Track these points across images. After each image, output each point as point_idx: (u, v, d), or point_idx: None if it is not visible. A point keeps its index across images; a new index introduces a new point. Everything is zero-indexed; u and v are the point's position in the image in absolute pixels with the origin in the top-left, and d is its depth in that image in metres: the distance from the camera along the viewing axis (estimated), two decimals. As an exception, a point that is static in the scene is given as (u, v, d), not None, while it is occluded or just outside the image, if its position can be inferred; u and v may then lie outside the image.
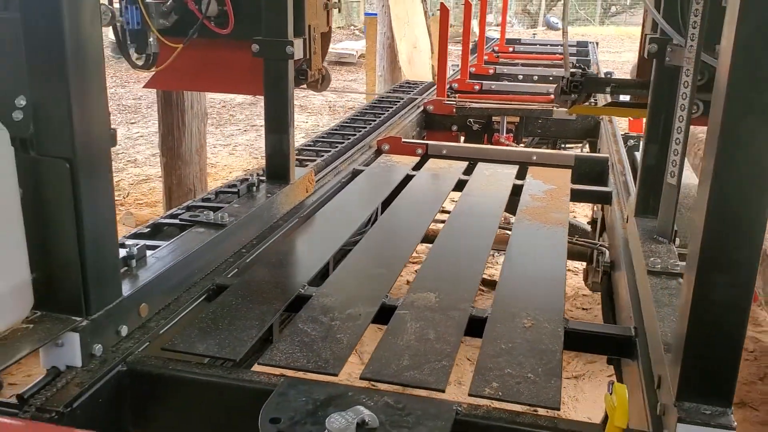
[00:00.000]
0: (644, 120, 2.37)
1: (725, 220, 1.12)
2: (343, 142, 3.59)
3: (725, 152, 1.09)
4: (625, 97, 3.47)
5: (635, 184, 2.91)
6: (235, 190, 2.50)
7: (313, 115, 10.33)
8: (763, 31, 1.01)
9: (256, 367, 1.65)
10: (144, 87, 2.76)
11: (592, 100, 3.94)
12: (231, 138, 8.67)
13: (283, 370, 1.55)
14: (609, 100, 4.95)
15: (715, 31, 2.01)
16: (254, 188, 2.49)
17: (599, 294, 4.50)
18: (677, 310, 1.62)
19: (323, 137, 3.80)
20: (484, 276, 2.35)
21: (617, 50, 20.11)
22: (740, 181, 1.09)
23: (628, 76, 14.23)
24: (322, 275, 2.20)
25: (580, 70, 2.35)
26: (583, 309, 4.57)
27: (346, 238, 2.37)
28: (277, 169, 2.60)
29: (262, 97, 2.53)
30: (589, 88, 2.37)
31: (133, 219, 5.70)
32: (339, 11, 3.16)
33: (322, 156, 3.29)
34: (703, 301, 1.17)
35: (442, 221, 2.61)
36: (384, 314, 1.79)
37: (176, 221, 2.20)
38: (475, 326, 1.73)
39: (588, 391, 3.69)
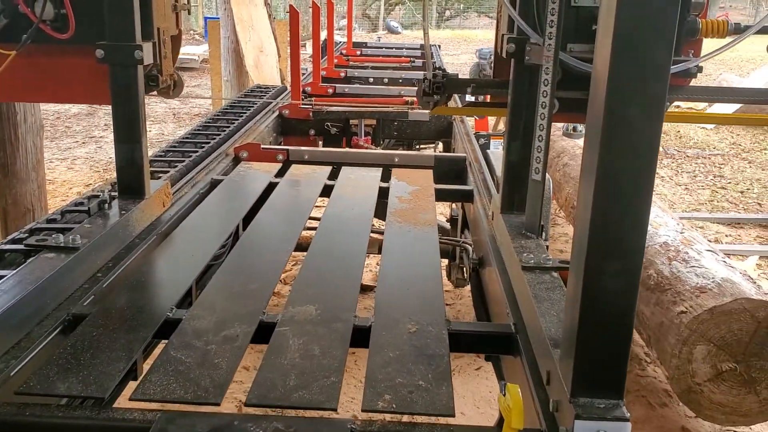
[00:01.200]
0: (504, 118, 2.43)
1: (613, 208, 1.13)
2: (197, 151, 3.42)
3: (610, 145, 1.10)
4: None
5: (493, 180, 2.99)
6: (84, 208, 2.29)
7: (156, 123, 9.85)
8: (641, 22, 1.03)
9: (127, 404, 1.50)
10: (-31, 99, 2.47)
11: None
12: (69, 151, 8.07)
13: (158, 404, 1.41)
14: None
15: (567, 30, 2.11)
16: (106, 205, 2.29)
17: (461, 289, 4.65)
18: (556, 304, 1.66)
19: (175, 146, 3.60)
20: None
21: (454, 53, 20.97)
22: (625, 171, 1.11)
23: (468, 76, 14.86)
24: (189, 296, 2.06)
25: (441, 72, 2.36)
26: (447, 305, 4.66)
27: (212, 254, 2.24)
28: (130, 183, 2.41)
29: (102, 107, 2.34)
30: (451, 89, 2.39)
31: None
32: (189, 13, 2.98)
33: (176, 167, 3.11)
34: (593, 291, 1.18)
35: (313, 228, 2.53)
36: (263, 332, 1.69)
37: (20, 247, 1.97)
38: (360, 336, 1.68)
39: (455, 387, 3.75)
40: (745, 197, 6.76)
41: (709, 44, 2.29)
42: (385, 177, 3.17)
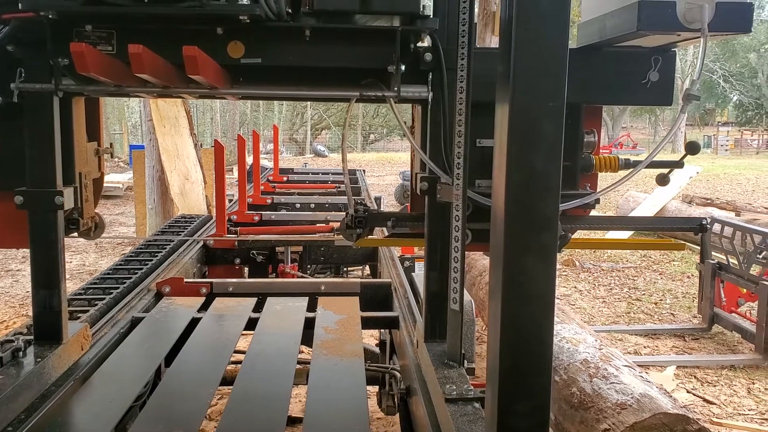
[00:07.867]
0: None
1: (519, 349, 1.20)
2: (118, 287, 3.37)
3: (511, 290, 1.18)
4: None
5: (418, 305, 3.05)
6: (-4, 356, 2.21)
7: (78, 253, 9.63)
8: (532, 182, 1.14)
9: None
10: None
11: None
12: (-19, 286, 7.77)
13: None
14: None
15: (474, 167, 2.26)
16: (20, 353, 2.22)
17: (392, 416, 4.59)
18: (478, 437, 1.69)
19: (96, 282, 3.54)
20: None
21: (380, 174, 21.66)
22: (527, 315, 1.19)
23: (393, 197, 15.19)
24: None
25: (363, 207, 2.46)
26: (379, 433, 4.57)
27: (132, 398, 2.17)
28: (46, 328, 2.34)
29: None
30: (372, 222, 2.48)
31: None
32: (111, 156, 3.03)
33: (96, 305, 3.05)
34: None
35: (239, 362, 2.51)
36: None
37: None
38: (286, 484, 1.65)
39: None
40: (659, 308, 7.05)
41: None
42: (312, 306, 3.19)
